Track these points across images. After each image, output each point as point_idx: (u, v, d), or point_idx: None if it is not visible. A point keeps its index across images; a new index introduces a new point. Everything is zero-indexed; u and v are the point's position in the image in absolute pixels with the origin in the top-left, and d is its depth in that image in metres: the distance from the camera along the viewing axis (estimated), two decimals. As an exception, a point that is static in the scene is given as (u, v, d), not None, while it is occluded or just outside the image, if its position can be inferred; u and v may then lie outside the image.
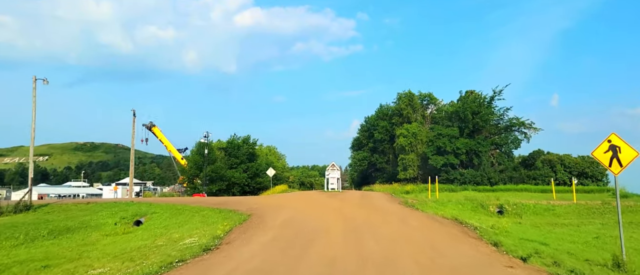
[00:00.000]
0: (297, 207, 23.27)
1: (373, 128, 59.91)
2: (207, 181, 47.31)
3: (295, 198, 30.59)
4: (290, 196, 32.89)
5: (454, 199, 29.93)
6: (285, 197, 31.60)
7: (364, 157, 60.70)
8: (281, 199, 30.63)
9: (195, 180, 47.91)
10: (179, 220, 21.81)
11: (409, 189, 44.30)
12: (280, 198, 31.55)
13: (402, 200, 27.20)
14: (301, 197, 31.80)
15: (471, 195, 36.12)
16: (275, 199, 31.02)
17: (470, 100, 47.52)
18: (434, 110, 57.33)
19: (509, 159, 46.10)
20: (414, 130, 50.37)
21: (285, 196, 33.40)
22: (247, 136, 56.39)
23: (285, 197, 31.70)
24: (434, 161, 46.84)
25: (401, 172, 51.22)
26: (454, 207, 26.17)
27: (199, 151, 48.78)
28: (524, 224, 22.27)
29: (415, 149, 50.55)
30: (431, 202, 27.42)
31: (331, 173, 42.55)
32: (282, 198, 31.31)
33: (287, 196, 33.26)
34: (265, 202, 27.56)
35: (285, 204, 25.97)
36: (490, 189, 41.73)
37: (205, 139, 45.88)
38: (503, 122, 47.48)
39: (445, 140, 46.83)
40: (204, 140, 45.76)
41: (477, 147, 45.51)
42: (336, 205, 23.88)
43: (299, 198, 30.53)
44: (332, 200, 27.62)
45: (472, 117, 46.88)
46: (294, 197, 32.00)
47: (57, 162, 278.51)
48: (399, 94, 56.54)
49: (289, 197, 32.24)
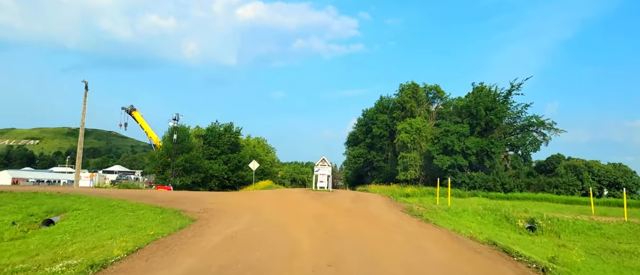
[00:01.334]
0: (265, 211, 17.41)
1: (371, 122, 53.98)
2: (178, 172, 41.37)
3: (272, 198, 24.69)
4: (267, 195, 26.96)
5: (468, 207, 24.07)
6: (260, 197, 25.70)
7: (359, 154, 54.78)
8: (254, 198, 24.76)
9: (168, 171, 41.91)
10: (101, 222, 16.11)
11: (409, 192, 38.59)
12: (253, 197, 25.67)
13: (406, 207, 21.36)
14: (280, 196, 25.87)
15: (487, 203, 30.33)
16: (247, 197, 25.15)
17: (483, 94, 41.70)
18: (441, 105, 51.46)
19: (526, 163, 40.33)
20: (417, 125, 44.52)
21: (261, 195, 27.48)
22: (230, 124, 50.46)
23: (260, 196, 25.80)
24: (440, 161, 41.05)
25: (401, 172, 45.39)
26: (471, 219, 20.41)
27: (172, 137, 42.80)
28: (569, 247, 16.49)
29: (418, 146, 44.71)
30: (441, 210, 21.61)
31: (321, 169, 36.65)
32: (255, 197, 25.43)
33: (264, 195, 27.34)
34: (230, 201, 21.64)
35: (254, 205, 20.10)
36: (504, 196, 35.99)
37: (174, 121, 39.78)
38: (520, 120, 41.69)
39: (453, 138, 41.03)
40: (173, 124, 39.67)
41: (490, 148, 39.72)
42: (319, 210, 18.02)
43: (276, 198, 24.63)
44: (316, 203, 21.75)
45: (485, 113, 41.07)
46: (271, 196, 26.08)
47: (48, 146, 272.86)
48: (401, 85, 50.64)
49: (265, 196, 26.32)
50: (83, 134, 33.69)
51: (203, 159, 46.44)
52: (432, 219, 18.17)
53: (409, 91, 48.98)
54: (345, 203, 22.69)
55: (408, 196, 37.75)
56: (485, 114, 41.07)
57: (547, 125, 40.32)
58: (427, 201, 29.42)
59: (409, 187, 42.25)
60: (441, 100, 51.54)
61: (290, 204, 20.40)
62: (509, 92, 41.14)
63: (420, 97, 49.12)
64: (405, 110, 49.35)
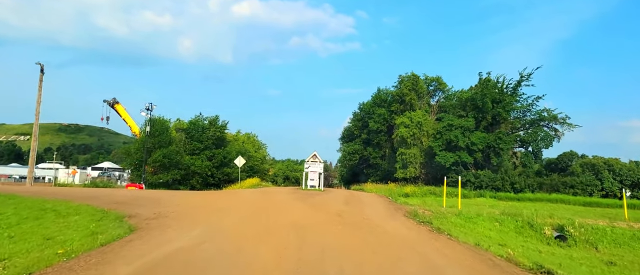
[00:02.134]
0: (232, 218, 13.74)
1: (368, 116, 50.39)
2: (155, 168, 37.60)
3: (250, 199, 21.01)
4: (246, 196, 23.26)
5: (482, 210, 20.51)
6: (238, 197, 22.04)
7: (355, 150, 51.20)
8: (230, 199, 21.12)
9: (147, 167, 38.10)
10: (17, 231, 12.33)
11: (408, 191, 35.10)
12: (230, 198, 22.02)
13: (410, 211, 17.78)
14: (261, 197, 22.20)
15: (498, 205, 26.84)
16: (222, 198, 21.50)
17: (490, 86, 38.16)
18: (442, 98, 47.91)
19: (537, 160, 36.86)
20: (418, 119, 40.96)
21: (241, 195, 23.80)
22: (216, 117, 46.70)
23: (237, 197, 22.14)
24: (442, 158, 37.52)
25: (399, 170, 41.85)
26: (488, 226, 16.89)
27: (151, 129, 38.96)
28: (620, 265, 12.99)
29: (418, 142, 41.17)
30: (451, 215, 18.08)
31: (311, 166, 33.03)
32: (232, 198, 21.79)
33: (243, 195, 23.66)
34: (198, 203, 17.98)
35: (224, 208, 16.44)
36: (514, 197, 32.54)
37: (147, 112, 35.83)
38: (530, 114, 38.22)
39: (457, 133, 37.49)
40: (146, 114, 35.74)
41: (498, 144, 36.23)
42: (303, 216, 14.39)
43: (255, 199, 20.96)
44: (301, 205, 18.13)
45: (493, 106, 37.56)
46: (251, 197, 22.38)
47: (39, 142, 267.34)
48: (400, 76, 47.05)
49: (244, 196, 22.64)
50: (38, 125, 29.84)
51: (184, 154, 42.68)
52: (444, 227, 14.61)
53: (409, 83, 45.41)
54: (336, 205, 19.07)
55: (407, 196, 34.31)
56: (493, 107, 37.56)
57: (560, 120, 36.87)
58: (431, 203, 25.87)
59: (408, 186, 38.75)
60: (443, 93, 48.01)
61: (268, 207, 16.73)
62: (518, 83, 37.62)
63: (420, 89, 45.54)
64: (404, 103, 45.78)
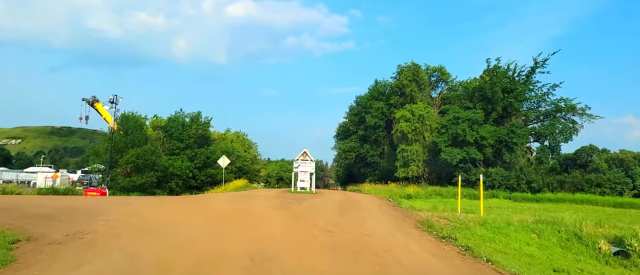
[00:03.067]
0: (170, 241, 9.59)
1: (365, 111, 46.36)
2: (126, 171, 33.42)
3: (220, 208, 16.92)
4: (217, 203, 19.15)
5: (506, 216, 16.47)
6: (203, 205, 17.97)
7: (350, 148, 47.16)
8: (192, 207, 17.04)
9: (117, 168, 33.92)
10: None
11: (411, 192, 31.10)
12: (193, 205, 17.94)
13: (422, 221, 13.78)
14: (234, 204, 18.08)
15: (518, 208, 22.86)
16: (183, 206, 17.40)
17: (500, 74, 34.25)
18: (445, 89, 43.98)
19: (554, 155, 32.95)
20: (420, 112, 36.98)
21: (209, 201, 19.71)
22: (198, 113, 42.49)
23: (202, 205, 18.07)
24: (449, 155, 33.57)
25: (400, 168, 37.85)
26: (525, 239, 12.97)
27: (123, 127, 34.80)
28: None
29: (421, 137, 37.20)
30: (473, 223, 14.11)
31: (301, 165, 28.97)
32: (194, 206, 17.71)
33: (215, 202, 19.57)
34: (141, 217, 13.78)
35: (174, 222, 12.32)
36: (532, 197, 28.61)
37: (111, 105, 31.58)
38: (545, 104, 34.32)
39: (464, 127, 33.55)
40: (109, 108, 31.52)
41: (511, 138, 32.32)
42: (274, 239, 10.30)
43: (224, 208, 16.85)
44: (280, 216, 14.07)
45: (504, 96, 33.64)
46: (219, 205, 18.27)
47: (30, 145, 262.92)
48: (400, 66, 43.03)
49: (211, 204, 18.57)
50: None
51: (161, 154, 38.50)
52: (473, 244, 10.69)
53: (409, 73, 41.42)
54: (327, 214, 15.02)
55: (410, 198, 30.33)
56: (503, 97, 33.65)
57: (579, 111, 33.01)
58: (442, 206, 21.86)
59: (410, 186, 34.77)
60: (446, 84, 44.07)
61: (235, 221, 12.63)
62: (532, 70, 33.69)
63: (422, 80, 41.55)
64: (404, 95, 41.80)
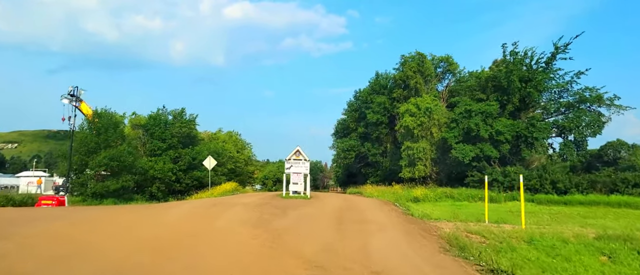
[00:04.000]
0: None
1: (365, 106, 42.75)
2: (100, 174, 29.70)
3: (167, 222, 13.23)
4: (171, 216, 15.37)
5: (554, 227, 12.73)
6: (146, 220, 14.22)
7: (350, 147, 43.48)
8: (129, 222, 13.31)
9: (87, 173, 30.20)
10: None
11: (419, 195, 27.47)
12: (134, 218, 14.23)
13: (449, 240, 10.01)
14: (188, 220, 14.35)
15: (545, 212, 19.12)
16: (114, 223, 13.67)
17: (517, 61, 30.55)
18: (453, 81, 40.27)
19: (580, 151, 29.23)
20: (427, 105, 33.29)
21: (159, 214, 15.90)
22: (182, 110, 38.85)
23: (145, 219, 14.33)
24: (460, 152, 29.88)
25: (405, 168, 34.17)
26: (594, 265, 9.11)
27: (94, 125, 31.06)
28: None
29: (428, 133, 33.52)
30: (516, 240, 10.41)
31: (294, 166, 25.28)
32: (135, 219, 14.00)
33: (162, 215, 15.78)
34: (57, 240, 9.99)
35: (76, 251, 8.50)
36: (559, 200, 24.89)
37: (71, 99, 27.67)
38: (568, 95, 30.58)
39: (477, 120, 29.87)
40: (69, 101, 27.51)
41: (531, 132, 28.62)
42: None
43: (173, 225, 13.15)
44: (252, 236, 10.27)
45: (522, 86, 29.96)
46: (173, 218, 14.54)
47: (27, 150, 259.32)
48: (403, 57, 39.35)
49: (163, 217, 14.83)
50: None
51: (140, 155, 34.82)
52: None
53: (414, 63, 37.75)
54: (319, 233, 11.26)
55: (418, 201, 26.72)
56: (521, 87, 29.95)
57: (607, 101, 29.30)
58: (460, 213, 18.19)
59: (417, 188, 31.10)
60: (453, 75, 40.37)
61: (177, 248, 8.84)
62: (552, 56, 29.95)
63: (427, 71, 37.87)
64: (408, 88, 38.14)
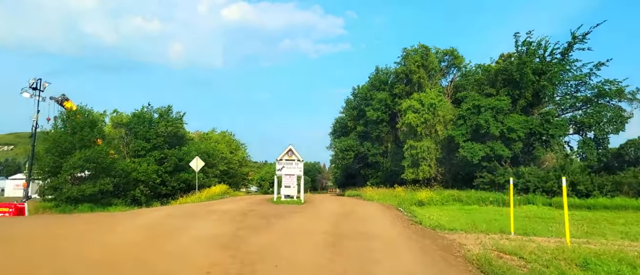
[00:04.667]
0: None
1: (365, 103, 40.21)
2: (75, 177, 27.09)
3: (116, 244, 10.68)
4: (120, 234, 12.81)
5: (626, 244, 10.13)
6: (83, 236, 11.67)
7: (349, 146, 40.92)
8: (47, 241, 10.77)
9: (61, 176, 27.53)
10: None
11: (423, 198, 24.88)
12: (60, 234, 11.68)
13: (479, 264, 7.50)
14: (151, 237, 11.80)
15: (577, 218, 16.55)
16: (50, 235, 11.13)
17: (531, 52, 28.03)
18: (458, 76, 37.73)
19: (601, 150, 26.68)
20: (431, 100, 30.76)
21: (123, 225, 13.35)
22: (168, 107, 36.22)
23: (85, 235, 11.78)
24: (468, 151, 27.36)
25: (408, 169, 31.62)
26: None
27: (68, 123, 28.47)
28: None
29: (432, 131, 30.98)
30: (566, 263, 7.83)
31: (286, 167, 22.69)
32: (56, 238, 11.46)
33: (119, 230, 13.21)
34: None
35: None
36: (582, 204, 22.33)
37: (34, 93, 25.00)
38: (586, 88, 28.05)
39: (487, 117, 27.36)
40: (30, 96, 24.84)
41: (547, 129, 26.12)
42: None
43: (115, 247, 10.59)
44: (212, 265, 7.77)
45: (536, 79, 27.46)
46: (121, 235, 12.00)
47: (22, 151, 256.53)
48: (405, 49, 36.83)
49: (113, 237, 12.24)
50: None
51: (123, 156, 32.22)
52: None
53: (417, 57, 35.20)
54: (307, 256, 8.65)
55: (423, 205, 24.19)
56: (536, 80, 27.44)
57: (629, 95, 26.77)
58: (477, 219, 15.65)
59: (421, 190, 28.53)
60: (458, 70, 37.82)
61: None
62: (569, 47, 27.43)
63: (431, 65, 35.35)
64: (411, 83, 35.63)
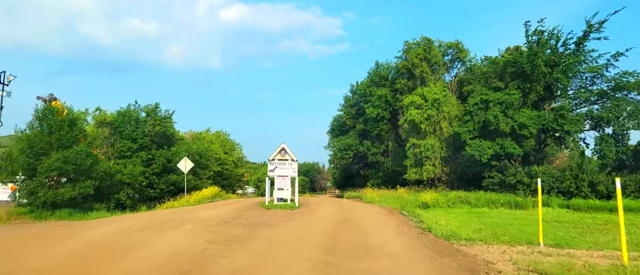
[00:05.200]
0: None
1: (364, 100, 38.26)
2: (51, 180, 24.99)
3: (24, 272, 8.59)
4: (68, 243, 10.78)
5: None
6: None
7: (348, 146, 38.97)
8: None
9: (37, 179, 25.44)
10: None
11: (428, 200, 22.98)
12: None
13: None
14: (94, 253, 9.75)
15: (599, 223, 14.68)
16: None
17: (543, 43, 26.11)
18: (462, 71, 35.79)
19: (621, 146, 24.75)
20: (435, 95, 28.82)
21: (55, 242, 11.29)
22: (156, 105, 34.11)
23: (14, 253, 9.70)
24: (476, 149, 25.43)
25: (411, 168, 29.67)
26: None
27: (45, 123, 26.42)
28: None
29: (437, 128, 29.05)
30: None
31: (278, 168, 20.67)
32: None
33: (54, 245, 11.17)
34: None
35: None
36: (602, 206, 20.38)
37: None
38: (602, 81, 26.11)
39: (496, 112, 25.42)
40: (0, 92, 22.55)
41: (561, 124, 24.19)
42: None
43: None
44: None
45: (548, 71, 25.53)
46: (57, 256, 9.89)
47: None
48: (407, 43, 34.95)
49: (43, 248, 10.15)
50: None
51: (107, 157, 30.16)
52: None
53: (419, 50, 33.27)
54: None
55: (428, 207, 22.31)
56: (548, 73, 25.50)
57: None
58: (488, 223, 13.69)
59: (426, 191, 26.63)
60: (463, 64, 35.88)
61: None
62: (584, 36, 25.50)
63: (434, 58, 33.41)
64: (413, 78, 33.72)
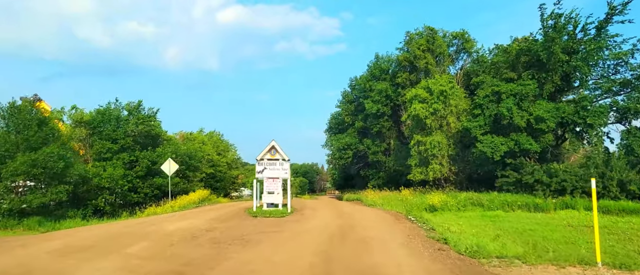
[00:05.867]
0: None
1: (364, 95, 35.84)
2: (22, 186, 22.58)
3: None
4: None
5: None
6: None
7: (347, 145, 36.55)
8: None
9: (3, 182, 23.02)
10: None
11: (436, 203, 20.61)
12: None
13: None
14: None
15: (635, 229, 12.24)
16: None
17: (560, 28, 23.72)
18: (468, 62, 33.38)
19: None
20: (441, 87, 26.41)
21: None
22: (138, 102, 31.68)
23: None
24: (488, 146, 23.02)
25: (415, 168, 27.25)
26: None
27: (10, 122, 24.04)
28: None
29: (444, 124, 26.65)
30: None
31: (268, 168, 18.23)
32: None
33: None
34: None
35: None
36: (636, 207, 18.02)
37: None
38: (626, 68, 23.72)
39: (509, 104, 23.00)
40: None
41: (583, 117, 21.79)
42: None
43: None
44: None
45: (566, 59, 23.13)
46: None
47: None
48: (409, 33, 32.55)
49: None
50: None
51: (85, 159, 27.75)
52: None
53: (422, 41, 30.87)
54: None
55: (436, 211, 19.99)
56: (566, 60, 23.10)
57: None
58: (508, 228, 11.29)
59: (433, 193, 24.22)
60: (469, 55, 33.48)
61: None
62: (607, 20, 23.13)
63: (439, 49, 31.01)
64: (416, 71, 31.33)
